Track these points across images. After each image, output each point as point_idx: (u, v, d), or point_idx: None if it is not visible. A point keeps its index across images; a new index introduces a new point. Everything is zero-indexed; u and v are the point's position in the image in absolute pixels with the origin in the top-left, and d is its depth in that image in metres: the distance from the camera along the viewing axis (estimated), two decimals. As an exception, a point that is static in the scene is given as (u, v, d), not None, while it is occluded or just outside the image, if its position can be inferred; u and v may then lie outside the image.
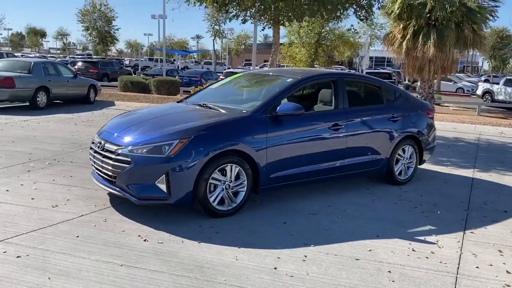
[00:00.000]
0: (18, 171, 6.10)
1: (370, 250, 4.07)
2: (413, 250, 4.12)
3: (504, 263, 3.94)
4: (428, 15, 10.73)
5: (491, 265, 3.89)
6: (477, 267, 3.85)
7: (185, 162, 4.35)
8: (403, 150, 6.34)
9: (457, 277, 3.64)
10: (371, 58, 57.71)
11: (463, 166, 7.85)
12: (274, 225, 4.57)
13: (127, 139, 4.61)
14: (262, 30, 12.47)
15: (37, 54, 54.69)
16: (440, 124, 12.80)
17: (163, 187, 4.34)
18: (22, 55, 42.24)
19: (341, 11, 11.08)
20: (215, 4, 10.74)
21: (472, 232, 4.68)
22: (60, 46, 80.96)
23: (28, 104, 13.21)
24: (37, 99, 13.28)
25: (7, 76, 12.80)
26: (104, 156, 4.65)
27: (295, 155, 5.15)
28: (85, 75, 26.30)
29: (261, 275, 3.47)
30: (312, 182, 5.53)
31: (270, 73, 6.31)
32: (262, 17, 11.64)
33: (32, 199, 4.95)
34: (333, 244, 4.16)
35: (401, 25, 11.07)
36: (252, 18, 11.72)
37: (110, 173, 4.58)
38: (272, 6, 10.51)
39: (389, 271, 3.66)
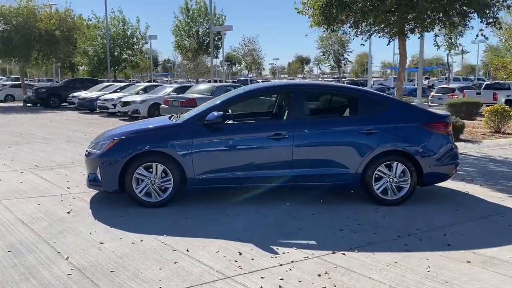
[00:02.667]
0: (99, 164, 8.37)
1: (203, 246, 4.37)
2: (240, 254, 4.20)
3: (282, 279, 3.66)
4: None
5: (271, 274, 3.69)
6: (262, 277, 3.73)
7: (111, 158, 5.55)
8: (389, 167, 5.74)
9: (218, 276, 3.70)
10: None
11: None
12: (172, 218, 5.20)
13: (96, 140, 6.12)
14: (388, 44, 11.93)
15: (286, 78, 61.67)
16: None
17: (99, 176, 5.66)
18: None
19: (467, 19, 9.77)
20: (321, 26, 11.08)
21: (343, 254, 4.24)
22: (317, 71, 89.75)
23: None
24: (216, 115, 16.23)
25: (192, 97, 16.19)
26: None
27: (225, 160, 5.62)
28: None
29: (81, 243, 4.39)
30: (255, 187, 5.81)
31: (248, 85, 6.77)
32: (385, 30, 11.27)
33: (67, 181, 6.98)
34: (181, 237, 4.59)
35: None
36: (375, 33, 11.47)
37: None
38: (382, 19, 10.20)
39: (175, 262, 4.00)
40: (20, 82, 30.06)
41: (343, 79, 49.86)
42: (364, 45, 12.18)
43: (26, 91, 28.10)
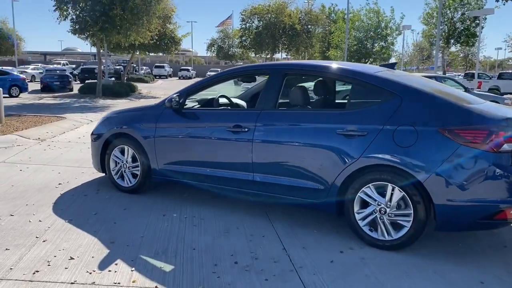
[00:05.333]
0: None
1: (73, 241, 3.87)
2: (70, 258, 3.53)
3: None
4: None
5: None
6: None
7: (96, 136, 5.48)
8: (380, 190, 3.75)
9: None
10: None
11: None
12: (109, 207, 4.79)
13: None
14: None
15: None
16: None
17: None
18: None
19: None
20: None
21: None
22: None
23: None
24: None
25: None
26: None
27: (183, 152, 4.78)
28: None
29: (4, 210, 4.57)
30: (222, 190, 4.66)
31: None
32: None
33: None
34: (77, 228, 4.19)
35: None
36: None
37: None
38: None
39: (29, 249, 3.67)
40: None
41: None
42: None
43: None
